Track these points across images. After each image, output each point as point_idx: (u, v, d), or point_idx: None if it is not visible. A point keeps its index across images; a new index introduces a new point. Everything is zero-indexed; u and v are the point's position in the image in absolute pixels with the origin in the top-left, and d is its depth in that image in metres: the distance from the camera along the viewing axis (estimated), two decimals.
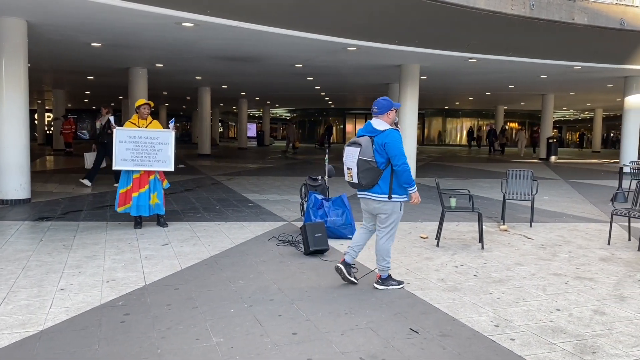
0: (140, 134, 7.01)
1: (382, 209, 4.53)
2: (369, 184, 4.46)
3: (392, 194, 4.47)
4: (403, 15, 10.56)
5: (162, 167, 7.07)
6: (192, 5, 8.72)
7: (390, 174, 4.47)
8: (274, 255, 5.78)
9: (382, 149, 4.43)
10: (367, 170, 4.41)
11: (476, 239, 6.73)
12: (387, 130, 4.47)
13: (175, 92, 25.11)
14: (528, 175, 7.99)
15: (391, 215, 4.54)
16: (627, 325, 3.88)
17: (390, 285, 4.66)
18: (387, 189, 4.46)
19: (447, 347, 3.44)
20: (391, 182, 4.47)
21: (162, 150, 7.04)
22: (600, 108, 35.43)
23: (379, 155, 4.43)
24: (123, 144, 6.94)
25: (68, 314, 3.90)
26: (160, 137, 7.06)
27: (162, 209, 7.18)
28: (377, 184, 4.47)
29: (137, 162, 6.95)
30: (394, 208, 4.53)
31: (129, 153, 6.94)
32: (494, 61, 13.81)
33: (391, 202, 4.50)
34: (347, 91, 24.87)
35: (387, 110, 4.56)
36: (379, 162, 4.42)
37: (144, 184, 7.02)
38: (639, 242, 6.47)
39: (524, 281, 4.96)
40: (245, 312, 4.01)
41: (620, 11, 12.81)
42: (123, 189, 7.00)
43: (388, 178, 4.46)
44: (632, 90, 17.38)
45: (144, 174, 7.03)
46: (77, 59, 14.10)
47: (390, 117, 4.58)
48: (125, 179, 7.03)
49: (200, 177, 13.96)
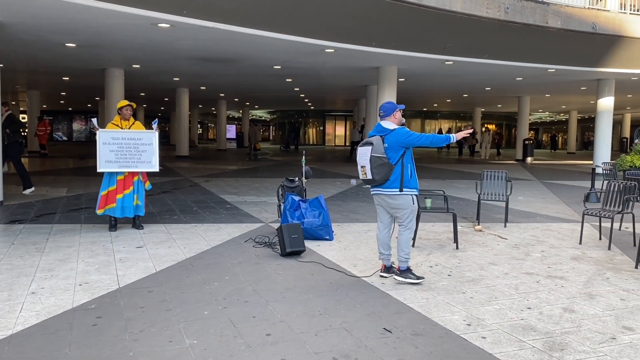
0: (124, 135, 6.95)
1: (395, 204, 4.83)
2: (382, 179, 4.74)
3: (404, 187, 4.77)
4: (380, 18, 10.64)
5: (147, 168, 7.03)
6: (168, 5, 8.66)
7: (400, 169, 4.76)
8: (250, 256, 5.77)
9: (396, 145, 4.74)
10: (379, 165, 4.70)
11: (451, 239, 6.81)
12: (397, 129, 4.80)
13: (153, 93, 24.90)
14: (502, 176, 8.11)
15: (406, 209, 4.84)
16: (595, 322, 3.96)
17: (408, 277, 4.86)
18: (398, 184, 4.77)
19: (420, 346, 3.47)
20: (402, 177, 4.76)
21: (147, 151, 7.00)
22: (575, 110, 36.10)
23: (391, 152, 4.74)
24: (107, 146, 6.88)
25: (39, 318, 3.85)
26: (144, 137, 7.01)
27: (143, 210, 7.13)
28: (389, 179, 4.76)
29: (122, 164, 6.89)
30: (406, 201, 4.82)
31: (113, 155, 6.87)
32: (470, 64, 13.99)
33: (403, 195, 4.79)
34: (327, 93, 24.95)
35: (392, 112, 4.88)
36: (390, 158, 4.74)
37: (129, 186, 6.96)
38: (609, 242, 6.62)
39: (497, 280, 5.03)
40: (219, 313, 4.01)
41: (592, 15, 13.08)
42: (104, 191, 6.93)
43: (399, 173, 4.76)
44: (604, 93, 17.75)
45: (128, 175, 6.98)
46: (52, 59, 13.90)
47: (396, 118, 4.89)
48: (107, 181, 6.95)
49: (178, 179, 13.86)
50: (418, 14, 10.62)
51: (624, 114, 37.63)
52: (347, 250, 6.18)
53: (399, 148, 4.77)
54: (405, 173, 4.77)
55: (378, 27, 11.10)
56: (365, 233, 7.17)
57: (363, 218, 8.34)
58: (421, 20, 10.95)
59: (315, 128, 45.03)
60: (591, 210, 6.84)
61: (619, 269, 5.53)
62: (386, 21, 10.84)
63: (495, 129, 42.66)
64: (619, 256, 6.13)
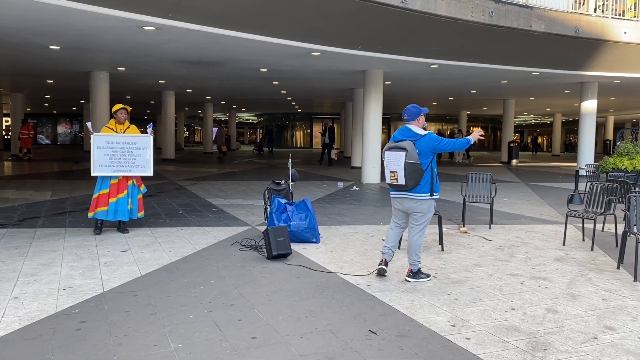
0: (118, 139, 6.93)
1: (420, 207, 4.93)
2: (414, 185, 4.83)
3: (434, 191, 4.90)
4: (366, 21, 10.68)
5: (140, 172, 7.02)
6: (154, 8, 8.62)
7: (430, 174, 4.86)
8: (236, 260, 5.76)
9: (427, 150, 4.82)
10: (413, 172, 4.77)
11: (437, 241, 6.85)
12: (428, 134, 4.86)
13: (138, 96, 24.74)
14: (487, 179, 8.18)
15: (427, 213, 4.97)
16: (578, 322, 4.01)
17: (420, 278, 5.01)
18: (428, 189, 4.88)
19: (405, 348, 3.49)
20: (432, 182, 4.88)
21: (141, 155, 6.99)
22: (559, 113, 36.51)
23: (422, 157, 4.82)
24: (101, 150, 6.86)
25: (21, 323, 3.81)
26: (138, 141, 7.01)
27: (136, 214, 7.10)
28: (419, 184, 4.84)
29: (116, 168, 6.87)
30: (430, 206, 4.97)
31: (107, 159, 6.86)
32: (455, 67, 14.10)
33: (430, 200, 4.92)
34: (314, 96, 24.98)
35: (417, 116, 4.94)
36: (423, 164, 4.82)
37: (123, 189, 6.94)
38: (591, 243, 6.70)
39: (482, 282, 5.08)
40: (204, 317, 3.99)
41: (575, 19, 13.25)
42: (96, 194, 6.90)
43: (429, 178, 4.86)
44: (587, 96, 17.99)
45: (123, 179, 6.96)
46: (35, 62, 13.76)
47: (420, 122, 4.97)
48: (99, 184, 6.92)
49: (164, 183, 13.78)
50: (403, 18, 10.69)
51: (607, 117, 38.17)
52: (333, 252, 6.19)
53: (429, 154, 4.85)
54: (435, 178, 4.91)
55: (364, 30, 11.15)
56: (352, 235, 7.19)
57: (350, 220, 8.36)
58: (406, 23, 11.02)
59: (302, 131, 45.06)
60: (574, 211, 6.93)
61: (601, 270, 5.60)
62: (372, 24, 10.90)
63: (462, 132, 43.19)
64: (601, 257, 6.21)
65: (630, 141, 13.60)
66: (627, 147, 12.66)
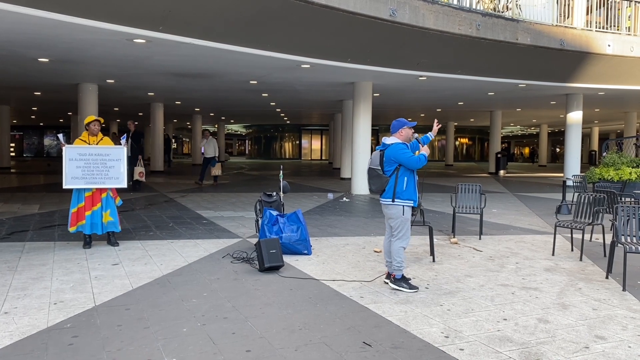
0: (91, 151, 6.88)
1: (389, 212, 5.17)
2: (378, 189, 5.17)
3: (395, 198, 5.08)
4: (356, 34, 10.78)
5: (114, 184, 6.95)
6: (144, 21, 8.64)
7: (394, 180, 5.07)
8: (229, 272, 5.75)
9: (389, 159, 5.09)
10: (374, 177, 5.14)
11: (428, 252, 6.88)
12: (394, 144, 5.12)
13: (127, 108, 24.65)
14: (477, 189, 8.25)
15: (397, 219, 5.12)
16: (569, 332, 4.06)
17: (401, 286, 5.11)
18: (391, 194, 5.09)
19: (399, 359, 3.50)
20: (395, 188, 5.07)
21: (114, 167, 6.93)
22: (545, 124, 36.92)
23: (387, 164, 5.11)
24: (73, 162, 6.80)
25: (12, 339, 3.77)
26: (112, 153, 6.95)
27: (117, 226, 7.04)
28: (385, 190, 5.13)
29: (89, 180, 6.81)
30: (399, 212, 5.11)
31: (79, 171, 6.80)
32: (443, 79, 14.25)
33: (395, 205, 5.09)
34: (303, 107, 25.05)
35: (398, 130, 5.20)
36: (385, 170, 5.11)
37: (97, 202, 6.88)
38: (580, 253, 6.78)
39: (473, 292, 5.11)
40: (198, 331, 3.98)
41: (560, 32, 13.47)
42: (74, 208, 6.84)
43: (392, 184, 5.08)
44: (573, 107, 18.23)
45: (96, 191, 6.90)
46: (24, 74, 13.68)
47: (402, 134, 5.20)
48: (76, 198, 6.87)
49: (153, 195, 13.71)
50: (392, 31, 10.80)
51: (592, 128, 38.64)
52: (325, 264, 6.20)
53: (393, 162, 5.08)
54: (399, 184, 5.06)
55: (353, 43, 11.25)
56: (343, 247, 7.21)
57: (341, 232, 8.37)
58: (395, 36, 11.13)
59: (292, 142, 45.11)
60: (563, 222, 7.01)
61: (590, 279, 5.67)
62: (361, 37, 11.00)
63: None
64: (590, 267, 6.28)
65: (616, 152, 13.80)
66: (612, 157, 12.84)
